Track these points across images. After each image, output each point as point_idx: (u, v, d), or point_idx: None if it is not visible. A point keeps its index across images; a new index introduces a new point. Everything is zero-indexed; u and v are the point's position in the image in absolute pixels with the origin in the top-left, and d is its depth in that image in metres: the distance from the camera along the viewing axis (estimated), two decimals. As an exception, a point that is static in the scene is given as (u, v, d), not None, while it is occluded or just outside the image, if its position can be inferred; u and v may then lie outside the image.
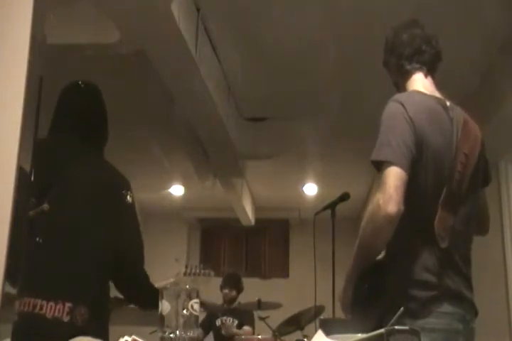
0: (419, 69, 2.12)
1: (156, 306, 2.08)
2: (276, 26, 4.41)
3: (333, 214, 3.77)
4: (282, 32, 4.46)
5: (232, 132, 5.64)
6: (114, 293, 2.28)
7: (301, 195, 8.48)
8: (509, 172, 4.90)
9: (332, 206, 3.78)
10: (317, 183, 8.09)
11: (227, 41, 4.66)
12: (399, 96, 2.02)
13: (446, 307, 1.86)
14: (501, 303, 4.42)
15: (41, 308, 2.00)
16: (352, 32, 4.37)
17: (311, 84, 5.21)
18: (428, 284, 1.87)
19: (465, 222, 2.00)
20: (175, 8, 3.59)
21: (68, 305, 2.01)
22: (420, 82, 2.11)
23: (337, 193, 3.90)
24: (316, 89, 5.30)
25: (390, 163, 1.85)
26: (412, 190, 1.85)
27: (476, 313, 1.96)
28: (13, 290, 1.92)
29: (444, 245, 1.90)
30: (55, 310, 2.00)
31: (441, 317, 1.84)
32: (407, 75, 2.13)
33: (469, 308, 1.93)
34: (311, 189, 8.25)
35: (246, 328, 5.34)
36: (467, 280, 1.97)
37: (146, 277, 2.24)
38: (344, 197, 3.85)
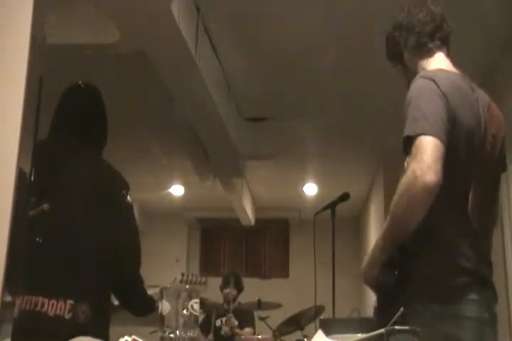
0: (440, 48, 2.04)
1: (148, 313, 2.08)
2: (277, 26, 4.40)
3: (333, 214, 3.77)
4: (282, 32, 4.46)
5: (232, 132, 5.64)
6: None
7: (301, 195, 8.49)
8: (509, 173, 4.89)
9: (332, 206, 3.78)
10: (317, 183, 8.09)
11: (227, 41, 4.66)
12: (428, 72, 1.93)
13: (476, 295, 1.81)
14: (501, 303, 4.42)
15: (42, 306, 2.00)
16: (352, 32, 4.37)
17: (311, 84, 5.21)
18: (461, 269, 1.81)
19: (491, 205, 1.97)
20: (175, 8, 3.59)
21: (70, 302, 2.01)
22: (443, 62, 2.02)
23: (337, 193, 3.90)
24: (316, 89, 5.30)
25: (428, 135, 1.71)
26: (445, 167, 1.72)
27: (496, 299, 1.91)
28: (10, 298, 1.91)
29: (475, 227, 1.86)
30: (56, 307, 2.00)
31: (470, 305, 1.79)
32: (427, 54, 2.03)
33: (493, 295, 1.89)
34: (311, 189, 8.25)
35: (247, 330, 5.34)
36: (490, 266, 1.93)
37: (141, 282, 2.24)
38: (344, 197, 3.85)
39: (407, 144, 1.75)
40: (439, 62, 2.02)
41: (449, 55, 2.06)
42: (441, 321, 1.74)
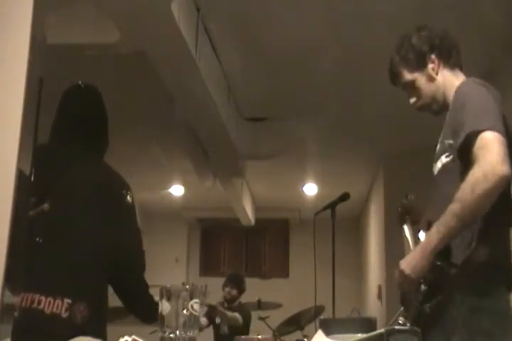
0: (459, 65, 2.13)
1: (154, 320, 2.07)
2: (277, 26, 4.40)
3: (333, 214, 3.77)
4: (282, 32, 4.46)
5: (232, 132, 5.64)
6: (116, 303, 2.27)
7: (301, 195, 8.49)
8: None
9: (332, 206, 3.78)
10: (317, 183, 8.09)
11: (227, 41, 4.66)
12: (474, 79, 2.01)
13: (507, 290, 1.89)
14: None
15: (39, 303, 1.99)
16: (352, 32, 4.37)
17: (311, 84, 5.21)
18: (502, 265, 1.89)
19: None
20: (175, 8, 3.59)
21: (67, 301, 2.00)
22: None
23: (337, 193, 3.90)
24: (316, 89, 5.30)
25: (494, 131, 1.79)
26: None
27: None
28: (12, 299, 1.91)
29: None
30: (53, 305, 1.99)
31: (504, 300, 1.87)
32: (455, 67, 2.11)
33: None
34: (311, 189, 8.25)
35: (235, 314, 5.33)
36: None
37: (145, 285, 2.22)
38: (344, 197, 3.85)
39: (470, 139, 1.81)
40: (463, 76, 2.10)
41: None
42: (476, 315, 1.80)
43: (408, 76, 2.14)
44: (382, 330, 1.39)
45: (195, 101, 4.81)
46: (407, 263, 1.88)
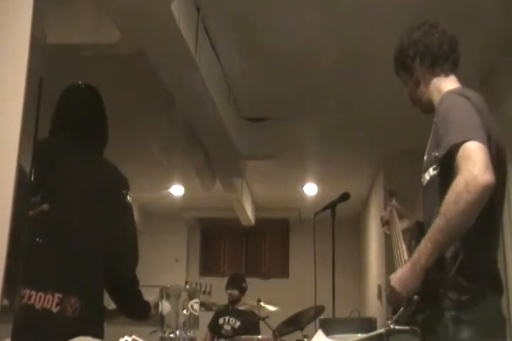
0: (453, 70, 2.10)
1: (143, 317, 2.06)
2: (277, 26, 4.40)
3: (333, 214, 3.77)
4: (282, 32, 4.45)
5: (232, 132, 5.64)
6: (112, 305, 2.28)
7: (301, 195, 8.48)
8: (509, 173, 4.90)
9: (332, 206, 3.78)
10: (317, 183, 8.09)
11: (227, 41, 4.66)
12: (458, 89, 1.99)
13: (495, 300, 1.88)
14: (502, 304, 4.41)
15: (29, 298, 1.98)
16: (352, 32, 4.37)
17: (311, 84, 5.21)
18: (489, 274, 1.89)
19: None
20: (175, 8, 3.59)
21: (58, 295, 2.00)
22: (457, 84, 2.08)
23: (337, 193, 3.90)
24: (316, 89, 5.30)
25: (476, 141, 1.75)
26: None
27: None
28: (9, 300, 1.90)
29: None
30: (44, 300, 1.98)
31: (491, 310, 1.85)
32: (442, 74, 2.08)
33: (501, 298, 1.95)
34: (311, 189, 8.25)
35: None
36: None
37: (137, 282, 2.24)
38: (344, 197, 3.86)
39: (453, 151, 1.78)
40: (454, 83, 2.07)
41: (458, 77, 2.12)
42: (468, 328, 1.79)
43: (401, 74, 2.17)
44: (382, 330, 1.39)
45: (195, 101, 4.80)
46: (398, 280, 1.84)
